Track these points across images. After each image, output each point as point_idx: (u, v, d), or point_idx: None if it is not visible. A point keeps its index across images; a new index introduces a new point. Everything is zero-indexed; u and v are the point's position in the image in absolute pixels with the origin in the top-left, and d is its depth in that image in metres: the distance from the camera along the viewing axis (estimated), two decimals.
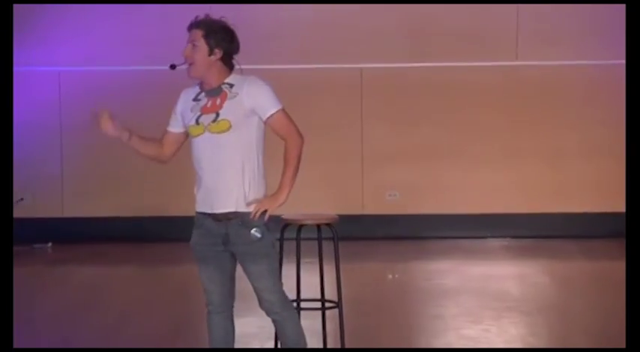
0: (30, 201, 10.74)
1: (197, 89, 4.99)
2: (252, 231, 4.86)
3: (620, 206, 9.75)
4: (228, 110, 4.83)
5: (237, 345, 5.20)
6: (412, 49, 10.78)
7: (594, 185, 10.62)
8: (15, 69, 10.55)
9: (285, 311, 4.99)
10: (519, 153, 10.76)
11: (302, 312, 6.14)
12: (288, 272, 5.99)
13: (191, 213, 4.92)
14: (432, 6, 10.68)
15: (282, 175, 4.89)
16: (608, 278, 8.77)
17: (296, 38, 10.74)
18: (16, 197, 10.59)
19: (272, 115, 4.86)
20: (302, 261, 5.97)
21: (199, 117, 4.88)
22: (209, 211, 4.91)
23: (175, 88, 5.09)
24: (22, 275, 9.34)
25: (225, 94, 4.87)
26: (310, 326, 6.47)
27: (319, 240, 6.09)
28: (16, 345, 6.52)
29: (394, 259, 9.91)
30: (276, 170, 4.95)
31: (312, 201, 10.33)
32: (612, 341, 6.39)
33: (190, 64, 4.89)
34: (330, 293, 6.23)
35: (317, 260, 6.12)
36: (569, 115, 10.75)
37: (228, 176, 4.84)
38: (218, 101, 4.87)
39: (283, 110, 4.90)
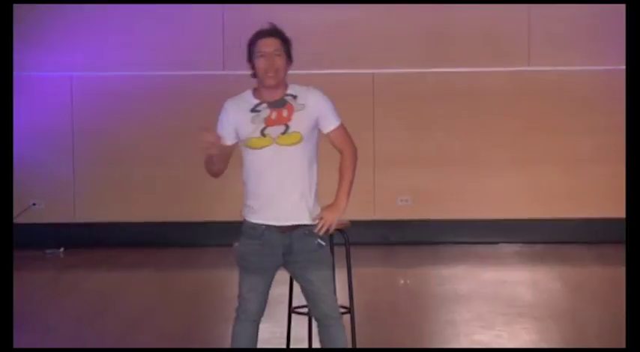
0: (42, 207, 10.75)
1: (250, 99, 4.90)
2: (318, 239, 4.92)
3: None
4: (299, 122, 4.84)
5: None
6: (423, 54, 10.76)
7: (607, 190, 10.57)
8: (27, 74, 10.59)
9: (340, 318, 5.03)
10: (532, 159, 10.72)
11: (313, 318, 6.14)
12: None
13: (205, 219, 4.92)
14: (444, 12, 10.66)
15: (340, 184, 4.98)
16: (621, 284, 8.71)
17: (307, 43, 10.68)
18: (28, 202, 10.62)
19: (335, 129, 4.98)
20: None
21: (264, 128, 4.82)
22: (274, 224, 4.86)
23: (188, 93, 5.08)
24: (34, 280, 9.37)
25: (292, 106, 4.87)
26: None
27: (331, 245, 6.09)
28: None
29: (406, 264, 9.89)
30: None
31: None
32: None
33: (276, 71, 4.85)
34: (343, 299, 6.21)
35: None
36: (582, 121, 10.71)
37: (297, 188, 4.85)
38: (285, 113, 4.84)
39: (343, 124, 5.02)
